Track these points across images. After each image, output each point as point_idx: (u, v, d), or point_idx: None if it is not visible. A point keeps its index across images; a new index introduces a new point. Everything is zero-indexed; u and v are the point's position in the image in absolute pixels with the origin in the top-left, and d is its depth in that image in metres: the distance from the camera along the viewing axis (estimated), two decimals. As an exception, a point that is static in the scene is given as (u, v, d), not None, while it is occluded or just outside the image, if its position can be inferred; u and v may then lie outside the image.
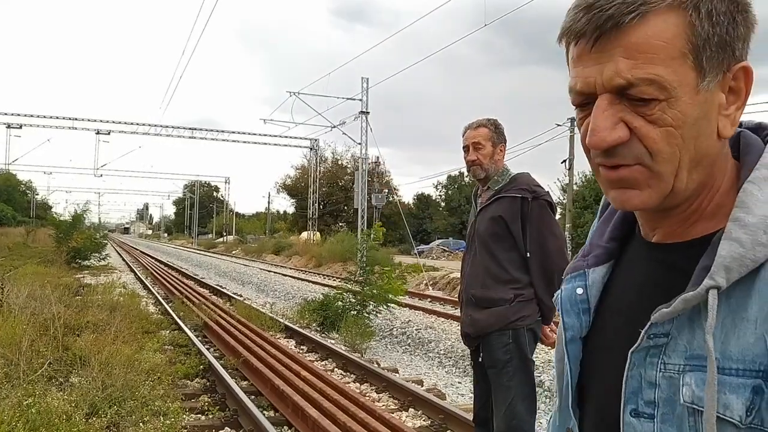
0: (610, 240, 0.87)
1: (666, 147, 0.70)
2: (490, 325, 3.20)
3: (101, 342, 7.21)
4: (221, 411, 6.06)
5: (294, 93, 32.54)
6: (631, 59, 0.69)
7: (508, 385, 3.16)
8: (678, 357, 0.71)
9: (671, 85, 0.69)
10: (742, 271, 0.68)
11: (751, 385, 0.65)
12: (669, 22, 0.69)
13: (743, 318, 0.67)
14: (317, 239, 40.36)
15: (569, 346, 0.84)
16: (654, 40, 0.69)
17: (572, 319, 0.84)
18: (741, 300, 0.68)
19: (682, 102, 0.69)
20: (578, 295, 0.85)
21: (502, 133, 3.34)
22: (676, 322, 0.72)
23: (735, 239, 0.68)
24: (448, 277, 20.51)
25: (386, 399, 6.59)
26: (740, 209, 0.70)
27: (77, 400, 5.16)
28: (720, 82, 0.71)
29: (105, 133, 39.87)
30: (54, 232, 27.48)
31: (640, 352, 0.75)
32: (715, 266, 0.68)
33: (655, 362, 0.73)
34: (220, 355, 8.41)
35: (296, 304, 14.49)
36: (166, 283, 18.50)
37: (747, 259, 0.67)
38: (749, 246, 0.68)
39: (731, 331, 0.68)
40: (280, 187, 63.08)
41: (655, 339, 0.74)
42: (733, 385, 0.66)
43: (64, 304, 9.92)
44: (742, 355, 0.66)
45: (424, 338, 10.76)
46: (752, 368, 0.65)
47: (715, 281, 0.68)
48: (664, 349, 0.73)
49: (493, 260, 3.21)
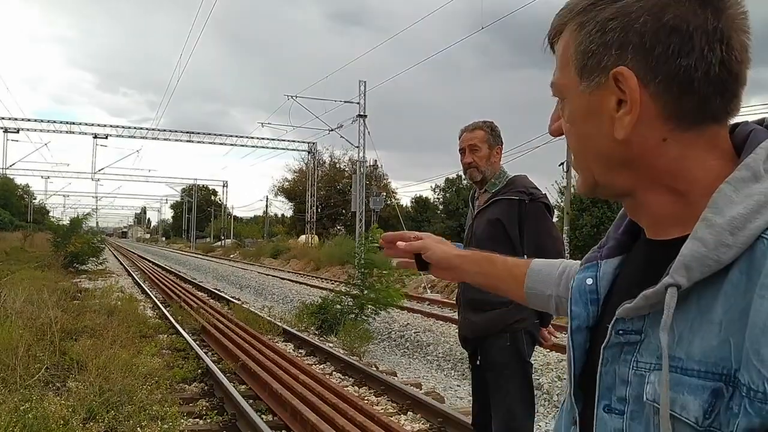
0: (624, 233, 0.88)
1: (571, 141, 0.82)
2: (488, 328, 3.19)
3: (98, 346, 7.20)
4: (219, 415, 6.04)
5: (292, 96, 32.62)
6: (555, 65, 0.83)
7: (506, 387, 3.15)
8: (649, 355, 0.72)
9: (562, 88, 0.82)
10: (704, 271, 0.67)
11: (711, 388, 0.65)
12: (565, 38, 0.80)
13: (709, 320, 0.67)
14: (315, 242, 40.36)
15: (575, 335, 0.85)
16: (560, 50, 0.81)
17: (579, 309, 0.86)
18: (709, 301, 0.67)
19: (571, 102, 0.80)
20: (588, 285, 0.87)
21: (498, 135, 3.33)
22: (649, 320, 0.73)
23: (699, 238, 0.68)
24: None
25: (385, 402, 6.58)
26: (710, 209, 0.69)
27: (74, 405, 5.14)
28: (603, 88, 0.75)
29: (102, 137, 39.90)
30: (52, 236, 27.47)
31: (613, 349, 0.76)
32: (675, 264, 0.69)
33: (628, 359, 0.74)
34: (219, 359, 8.39)
35: (294, 307, 14.49)
36: (163, 287, 18.45)
37: (709, 259, 0.67)
38: (712, 246, 0.67)
39: (697, 331, 0.67)
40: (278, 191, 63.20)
41: (626, 336, 0.75)
42: (692, 386, 0.66)
43: (61, 308, 9.91)
44: (704, 357, 0.66)
45: (423, 341, 10.75)
46: (714, 371, 0.65)
47: (673, 279, 0.68)
48: (638, 347, 0.73)
49: None
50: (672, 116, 0.74)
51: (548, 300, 1.27)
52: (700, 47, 0.71)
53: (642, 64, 0.72)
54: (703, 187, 0.74)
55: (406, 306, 14.64)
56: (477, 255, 1.41)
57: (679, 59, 0.71)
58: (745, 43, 0.73)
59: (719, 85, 0.72)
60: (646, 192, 0.78)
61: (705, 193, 0.73)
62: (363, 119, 31.90)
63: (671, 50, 0.71)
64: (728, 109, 0.75)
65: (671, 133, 0.74)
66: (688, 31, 0.71)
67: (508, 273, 1.34)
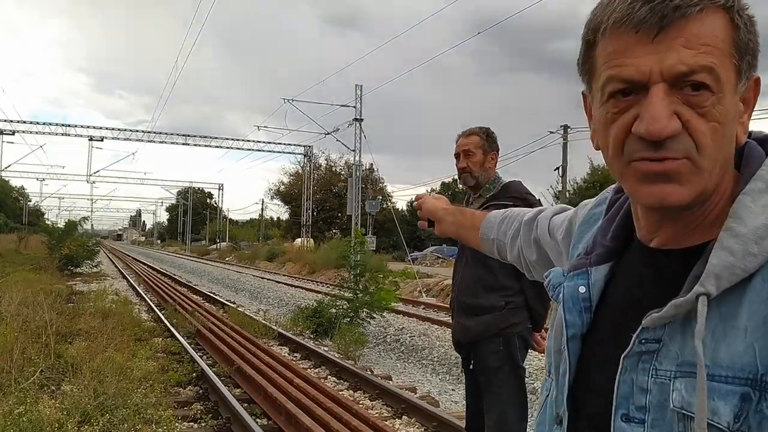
0: (614, 239, 0.87)
1: (711, 143, 0.72)
2: (481, 332, 3.21)
3: (93, 349, 7.19)
4: (214, 419, 6.03)
5: (288, 100, 32.62)
6: (693, 49, 0.70)
7: (498, 392, 3.16)
8: (669, 363, 0.72)
9: (723, 79, 0.71)
10: (732, 280, 0.69)
11: (739, 392, 0.66)
12: (722, 21, 0.72)
13: (733, 326, 0.68)
14: (311, 246, 40.31)
15: (570, 343, 0.84)
16: (712, 34, 0.71)
17: (574, 317, 0.85)
18: (732, 308, 0.69)
19: (726, 100, 0.72)
20: (581, 293, 0.85)
21: (494, 141, 3.34)
22: (668, 328, 0.73)
23: (726, 248, 0.70)
24: (441, 283, 20.50)
25: (380, 406, 6.58)
26: (733, 219, 0.71)
27: (69, 408, 5.13)
28: (744, 90, 0.75)
29: (98, 140, 39.83)
30: (47, 238, 27.39)
31: (632, 358, 0.75)
32: (706, 274, 0.70)
33: (647, 368, 0.74)
34: (213, 363, 8.37)
35: (289, 311, 14.47)
36: (158, 290, 18.40)
37: (737, 268, 0.69)
38: (740, 255, 0.69)
39: (721, 338, 0.69)
40: (273, 194, 63.09)
41: (647, 344, 0.74)
42: (722, 392, 0.67)
43: (56, 311, 9.88)
44: (731, 363, 0.67)
45: (418, 345, 10.75)
46: (741, 376, 0.67)
47: (705, 288, 0.69)
48: (656, 355, 0.74)
49: (483, 268, 3.22)
50: None
51: (492, 244, 1.42)
52: None
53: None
54: (724, 196, 0.77)
55: (401, 310, 14.64)
56: (454, 208, 1.61)
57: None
58: None
59: None
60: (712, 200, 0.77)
61: (725, 200, 0.76)
62: (359, 123, 31.91)
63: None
64: None
65: None
66: None
67: (471, 223, 1.50)
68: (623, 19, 0.72)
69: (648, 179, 0.73)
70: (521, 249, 1.32)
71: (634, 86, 0.73)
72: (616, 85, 0.74)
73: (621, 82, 0.73)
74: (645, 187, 0.74)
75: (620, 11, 0.72)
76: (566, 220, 1.14)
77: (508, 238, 1.36)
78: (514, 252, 1.35)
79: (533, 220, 1.29)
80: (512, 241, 1.35)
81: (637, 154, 0.73)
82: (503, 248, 1.38)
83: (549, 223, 1.21)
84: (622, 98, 0.74)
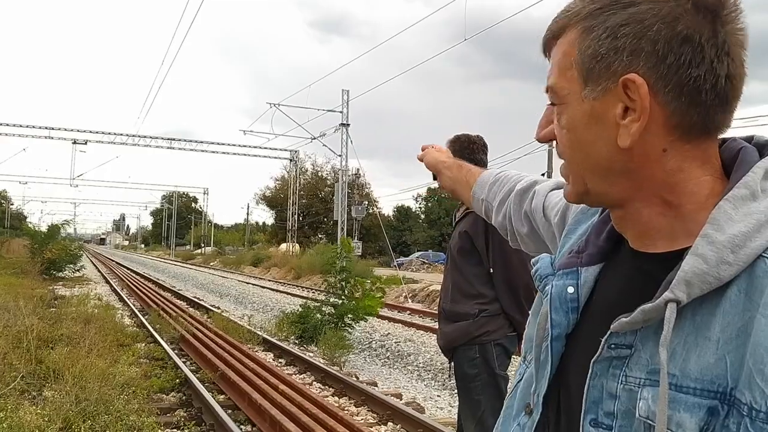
0: (606, 240, 0.86)
1: (566, 148, 0.80)
2: (455, 339, 3.22)
3: (75, 355, 7.10)
4: (197, 426, 5.98)
5: (274, 104, 32.54)
6: (552, 69, 0.81)
7: (477, 399, 3.16)
8: (639, 370, 0.71)
9: (562, 92, 0.79)
10: (704, 288, 0.67)
11: (707, 406, 0.65)
12: (569, 38, 0.78)
13: (706, 337, 0.67)
14: (296, 251, 40.21)
15: (554, 343, 0.83)
16: (560, 53, 0.79)
17: (560, 317, 0.84)
18: (705, 318, 0.67)
19: (571, 108, 0.78)
20: (569, 293, 0.84)
21: (458, 150, 3.20)
22: (641, 334, 0.72)
23: (700, 255, 0.68)
24: (427, 289, 20.53)
25: (365, 413, 6.56)
26: (711, 225, 0.69)
27: (50, 415, 5.06)
28: (609, 94, 0.74)
29: (82, 143, 39.45)
30: (29, 242, 27.09)
31: (602, 363, 0.74)
32: (676, 280, 0.68)
33: (617, 374, 0.73)
34: (197, 369, 8.31)
35: (274, 316, 14.40)
36: (142, 295, 18.26)
37: (710, 276, 0.67)
38: (713, 263, 0.67)
39: (693, 349, 0.67)
40: (259, 199, 62.90)
41: (618, 350, 0.73)
42: (688, 404, 0.65)
43: (37, 316, 9.74)
44: (701, 375, 0.66)
45: (404, 351, 10.74)
46: (710, 389, 0.65)
47: (673, 294, 0.67)
48: (627, 362, 0.72)
49: (460, 275, 3.24)
50: (676, 127, 0.73)
51: (481, 204, 1.39)
52: (710, 59, 0.71)
53: (653, 71, 0.72)
54: (696, 202, 0.74)
55: (387, 315, 14.63)
56: (453, 162, 1.55)
57: (690, 69, 0.71)
58: (743, 58, 0.74)
59: (723, 98, 0.73)
60: (639, 203, 0.77)
61: (697, 208, 0.74)
62: (346, 128, 31.92)
63: (683, 59, 0.71)
64: (725, 123, 0.75)
65: (672, 144, 0.74)
66: (700, 42, 0.71)
67: (466, 180, 1.46)
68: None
69: None
70: (509, 217, 1.28)
71: None
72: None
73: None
74: None
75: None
76: (563, 201, 1.09)
77: (496, 201, 1.33)
78: (499, 217, 1.32)
79: (527, 190, 1.25)
80: (499, 206, 1.31)
81: None
82: (490, 210, 1.36)
83: (545, 200, 1.18)
84: None
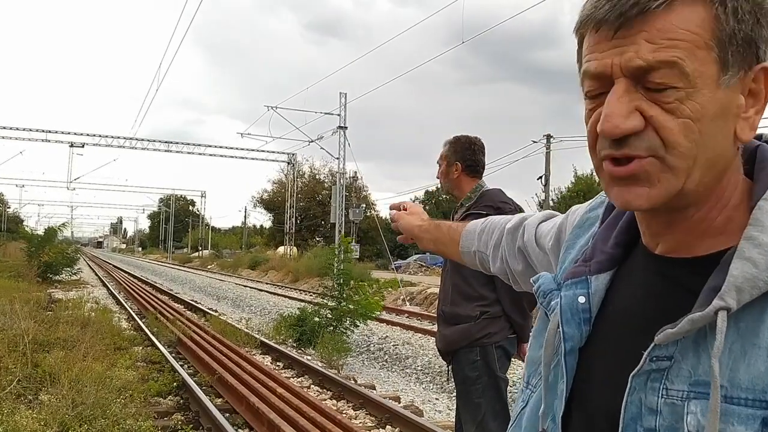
0: (615, 246, 0.82)
1: (683, 140, 0.67)
2: (456, 341, 3.20)
3: (72, 359, 7.07)
4: (195, 429, 5.95)
5: (271, 107, 32.54)
6: (654, 43, 0.67)
7: (477, 402, 3.14)
8: (681, 383, 0.67)
9: (692, 73, 0.67)
10: (753, 293, 0.64)
11: (761, 417, 0.62)
12: (695, 13, 0.67)
13: (754, 344, 0.64)
14: (294, 254, 40.19)
15: (568, 357, 0.79)
16: (679, 27, 0.67)
17: (572, 329, 0.79)
18: (752, 325, 0.64)
19: (701, 94, 0.67)
20: (580, 303, 0.79)
21: (459, 151, 3.28)
22: (680, 345, 0.68)
23: (748, 259, 0.65)
24: (425, 292, 20.50)
25: (363, 416, 6.53)
26: (755, 227, 0.67)
27: (47, 419, 5.04)
28: (740, 82, 0.69)
29: (79, 146, 39.38)
30: (26, 245, 27.04)
31: (641, 376, 0.70)
32: (726, 286, 0.65)
33: (656, 387, 0.69)
34: (195, 372, 8.28)
35: (272, 319, 14.37)
36: (139, 299, 18.21)
37: (760, 280, 0.64)
38: (763, 267, 0.64)
39: (740, 357, 0.64)
40: (257, 202, 62.93)
41: (658, 362, 0.69)
42: (741, 416, 0.62)
43: (34, 319, 9.71)
44: (752, 384, 0.63)
45: (402, 354, 10.72)
46: (763, 398, 0.62)
47: (725, 302, 0.64)
48: (667, 374, 0.68)
49: (460, 277, 3.21)
50: None
51: (474, 256, 1.35)
52: None
53: None
54: (731, 199, 0.72)
55: (385, 318, 14.61)
56: (430, 223, 1.51)
57: None
58: None
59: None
60: (711, 202, 0.72)
61: (731, 205, 0.72)
62: (343, 131, 31.92)
63: None
64: None
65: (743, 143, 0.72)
66: None
67: (450, 237, 1.42)
68: (588, 18, 0.71)
69: (617, 181, 0.71)
70: (505, 259, 1.25)
71: (602, 83, 0.71)
72: (587, 80, 0.73)
73: (590, 78, 0.72)
74: (614, 188, 0.72)
75: (587, 9, 0.72)
76: (555, 226, 1.08)
77: (490, 248, 1.30)
78: (497, 263, 1.28)
79: (517, 227, 1.22)
80: (494, 251, 1.28)
81: (604, 152, 0.71)
82: (486, 260, 1.32)
83: (536, 231, 1.15)
84: (595, 94, 0.72)
